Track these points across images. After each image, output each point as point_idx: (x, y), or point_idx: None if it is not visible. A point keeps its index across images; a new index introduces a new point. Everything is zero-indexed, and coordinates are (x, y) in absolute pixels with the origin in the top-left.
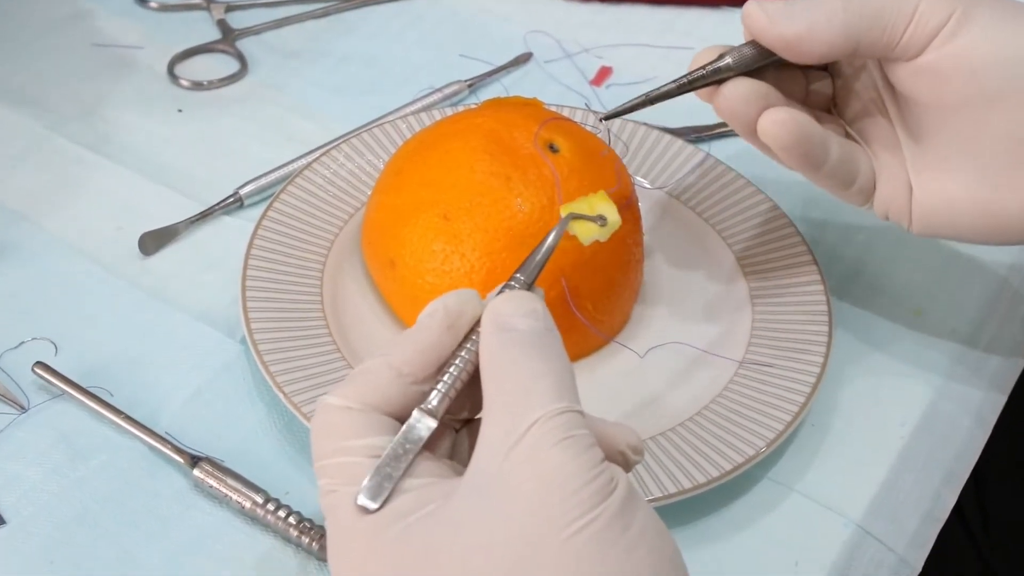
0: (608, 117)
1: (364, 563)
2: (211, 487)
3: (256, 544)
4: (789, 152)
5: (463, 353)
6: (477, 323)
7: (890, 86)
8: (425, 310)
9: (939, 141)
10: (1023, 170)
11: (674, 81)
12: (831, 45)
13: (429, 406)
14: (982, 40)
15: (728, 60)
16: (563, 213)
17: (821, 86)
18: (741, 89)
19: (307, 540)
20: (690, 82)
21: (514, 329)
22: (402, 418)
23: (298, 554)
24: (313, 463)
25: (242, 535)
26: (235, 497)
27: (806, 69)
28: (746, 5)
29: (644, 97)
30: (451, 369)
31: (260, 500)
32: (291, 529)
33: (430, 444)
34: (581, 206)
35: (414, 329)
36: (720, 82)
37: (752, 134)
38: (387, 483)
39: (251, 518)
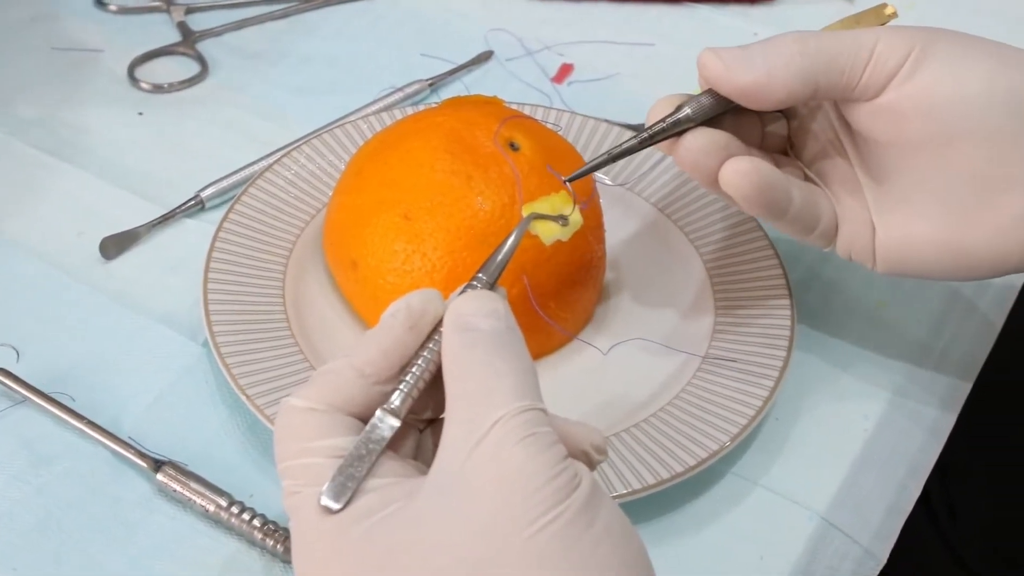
0: (572, 179)
1: (327, 563)
2: (175, 491)
3: (221, 548)
4: (751, 202)
5: (425, 353)
6: (440, 323)
7: (847, 126)
8: (387, 310)
9: (901, 180)
10: (986, 207)
11: (635, 136)
12: (790, 91)
13: (392, 406)
14: (940, 78)
15: (687, 111)
16: (525, 213)
17: (776, 128)
18: (701, 141)
19: (272, 543)
20: (651, 136)
21: (475, 329)
22: (365, 418)
23: (263, 557)
24: (276, 465)
25: (207, 539)
26: (199, 501)
27: (762, 113)
28: (701, 54)
29: (607, 155)
30: (414, 369)
31: (224, 503)
32: (256, 532)
33: (394, 444)
34: (543, 206)
35: (377, 329)
36: (680, 133)
37: (713, 184)
38: (350, 483)
39: (215, 521)
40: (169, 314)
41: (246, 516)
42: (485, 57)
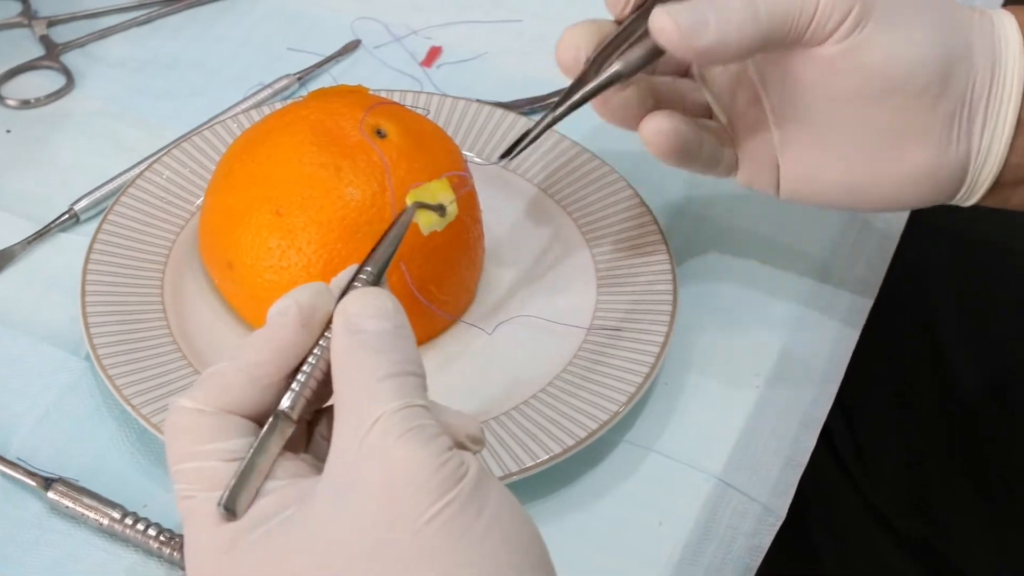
0: (505, 155)
1: (223, 571)
2: (67, 507)
3: (118, 561)
4: (667, 157)
5: (316, 351)
6: (331, 319)
7: (764, 61)
8: (276, 307)
9: (816, 125)
10: (893, 159)
11: (566, 98)
12: (740, 53)
13: (286, 407)
14: (878, 38)
15: (617, 67)
16: (409, 201)
17: None
18: (629, 98)
19: (169, 551)
20: (583, 98)
21: (362, 331)
22: (258, 418)
23: (162, 566)
24: (169, 467)
25: (103, 553)
26: (92, 515)
27: None
28: (655, 15)
29: (550, 119)
30: (305, 368)
31: (118, 516)
32: (152, 542)
33: (289, 441)
34: (423, 193)
35: (268, 328)
36: (608, 85)
37: (634, 129)
38: (247, 488)
39: (111, 535)
40: (50, 332)
41: (141, 527)
42: (352, 47)
